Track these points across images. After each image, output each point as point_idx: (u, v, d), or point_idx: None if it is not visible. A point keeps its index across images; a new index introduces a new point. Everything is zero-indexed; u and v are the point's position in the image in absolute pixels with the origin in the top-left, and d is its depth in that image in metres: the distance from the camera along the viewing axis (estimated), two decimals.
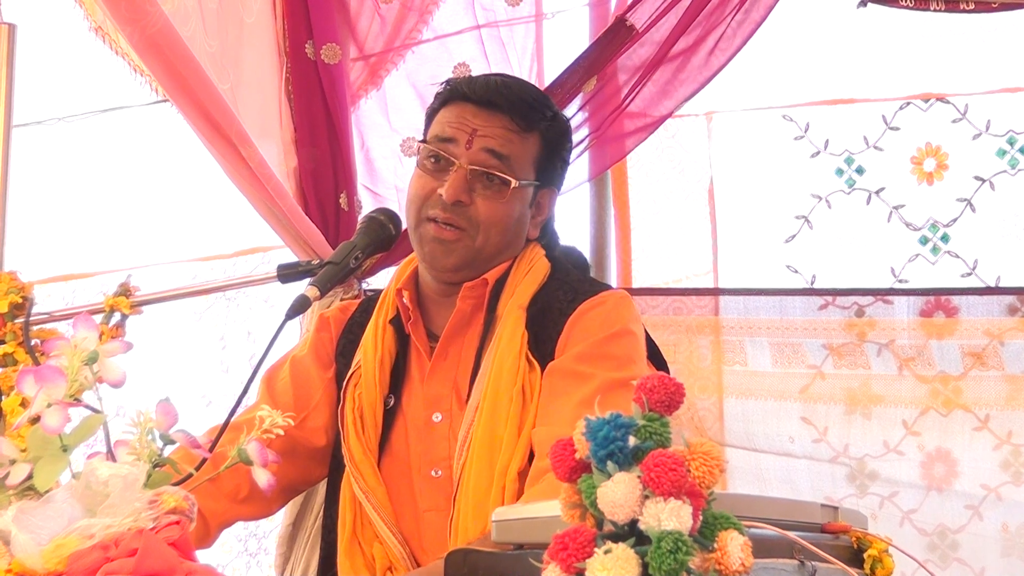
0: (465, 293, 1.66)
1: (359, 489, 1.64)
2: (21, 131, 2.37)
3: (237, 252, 2.73)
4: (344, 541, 1.66)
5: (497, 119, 1.66)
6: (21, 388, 1.16)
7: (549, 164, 1.72)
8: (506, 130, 1.66)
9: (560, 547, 0.83)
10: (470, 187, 1.64)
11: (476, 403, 1.59)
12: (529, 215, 1.71)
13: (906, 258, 2.29)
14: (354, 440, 1.66)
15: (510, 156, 1.65)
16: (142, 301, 2.13)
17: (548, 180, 1.73)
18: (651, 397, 0.86)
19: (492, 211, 1.64)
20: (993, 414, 2.17)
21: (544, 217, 1.75)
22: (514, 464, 1.54)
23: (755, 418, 2.29)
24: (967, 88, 2.28)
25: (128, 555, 1.01)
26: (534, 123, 1.69)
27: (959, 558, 2.18)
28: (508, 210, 1.65)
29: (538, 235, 1.74)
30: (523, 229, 1.71)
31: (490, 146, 1.65)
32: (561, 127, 1.77)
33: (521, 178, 1.66)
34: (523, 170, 1.67)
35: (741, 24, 2.22)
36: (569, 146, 1.80)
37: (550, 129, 1.72)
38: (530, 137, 1.69)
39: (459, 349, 1.66)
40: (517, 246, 1.71)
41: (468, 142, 1.65)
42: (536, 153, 1.70)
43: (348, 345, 1.76)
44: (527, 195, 1.69)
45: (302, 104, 2.38)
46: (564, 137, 1.78)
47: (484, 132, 1.65)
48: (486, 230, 1.64)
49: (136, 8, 1.88)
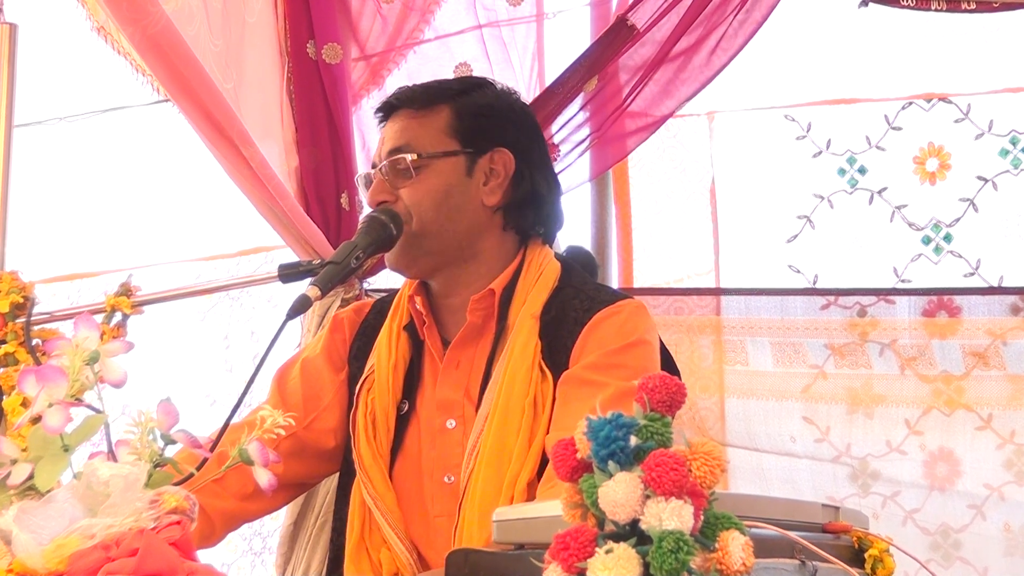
0: (473, 306, 1.65)
1: (368, 495, 1.64)
2: (23, 131, 2.37)
3: (240, 252, 2.73)
4: (351, 545, 1.65)
5: (398, 118, 1.70)
6: (22, 388, 1.16)
7: (476, 127, 1.68)
8: (405, 120, 1.69)
9: (561, 547, 0.82)
10: (390, 186, 1.66)
11: (486, 412, 1.58)
12: (475, 184, 1.67)
13: (909, 258, 2.29)
14: (364, 445, 1.66)
15: (410, 140, 1.67)
16: (143, 301, 2.13)
17: (485, 142, 1.67)
18: (653, 397, 0.86)
19: (411, 193, 1.65)
20: (996, 414, 2.17)
21: (503, 179, 1.67)
22: (524, 474, 1.53)
23: (757, 418, 2.29)
24: (970, 88, 2.28)
25: (129, 555, 1.01)
26: (434, 100, 1.69)
27: (962, 557, 2.18)
28: (427, 186, 1.65)
29: (504, 199, 1.67)
30: (466, 198, 1.66)
31: (391, 145, 1.68)
32: (483, 93, 1.72)
33: (424, 150, 1.65)
34: (430, 144, 1.66)
35: (743, 24, 2.22)
36: (503, 108, 1.73)
37: (461, 98, 1.70)
38: (433, 113, 1.68)
39: (471, 357, 1.65)
40: (471, 217, 1.66)
41: (380, 154, 1.70)
42: (448, 121, 1.68)
43: (362, 348, 1.75)
44: (448, 165, 1.66)
45: (303, 104, 2.38)
46: (490, 101, 1.72)
47: (388, 135, 1.70)
48: (416, 212, 1.64)
49: (138, 8, 1.88)
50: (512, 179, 1.68)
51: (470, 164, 1.67)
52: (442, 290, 1.70)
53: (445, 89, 1.73)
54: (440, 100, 1.69)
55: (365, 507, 1.65)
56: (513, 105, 1.75)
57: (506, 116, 1.72)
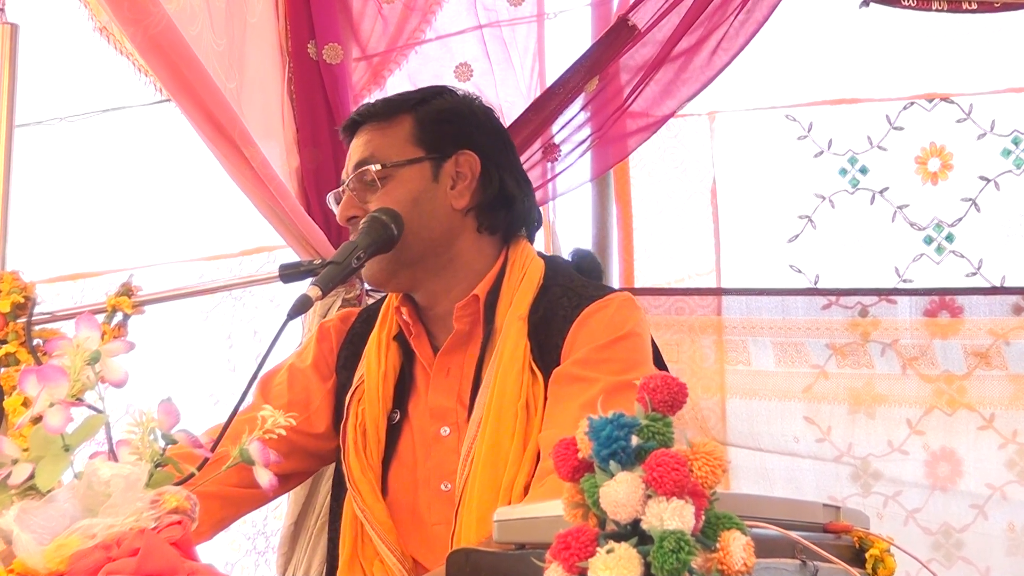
0: (459, 313, 1.64)
1: (357, 507, 1.63)
2: (24, 131, 2.38)
3: (243, 251, 2.73)
4: (344, 559, 1.64)
5: (362, 132, 1.70)
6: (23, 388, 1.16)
7: (438, 132, 1.68)
8: (369, 134, 1.69)
9: (562, 547, 0.82)
10: (359, 200, 1.66)
11: (479, 418, 1.57)
12: (442, 189, 1.66)
13: (910, 258, 2.29)
14: (353, 457, 1.65)
15: (374, 151, 1.66)
16: (145, 301, 2.14)
17: (448, 146, 1.67)
18: (654, 397, 0.86)
19: (378, 204, 1.64)
20: (998, 413, 2.17)
21: (469, 180, 1.67)
22: (520, 478, 1.52)
23: (758, 418, 2.29)
24: (972, 88, 2.28)
25: (130, 555, 1.01)
26: (396, 110, 1.69)
27: (964, 557, 2.18)
28: (394, 195, 1.64)
29: (473, 201, 1.66)
30: (433, 204, 1.65)
31: (356, 158, 1.67)
32: (443, 100, 1.72)
33: (389, 160, 1.65)
34: (394, 153, 1.66)
35: (744, 24, 2.22)
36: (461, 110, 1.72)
37: (421, 107, 1.70)
38: (395, 123, 1.68)
39: (460, 363, 1.65)
40: (442, 223, 1.65)
41: (346, 170, 1.69)
42: (409, 129, 1.68)
43: (350, 358, 1.74)
44: (413, 173, 1.65)
45: (304, 104, 2.38)
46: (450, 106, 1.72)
47: (352, 152, 1.69)
48: None
49: (139, 8, 1.88)
50: (479, 180, 1.68)
51: (435, 169, 1.66)
52: (426, 301, 1.69)
53: (406, 99, 1.73)
54: (401, 110, 1.69)
55: (357, 520, 1.64)
56: (474, 108, 1.74)
57: (468, 119, 1.72)
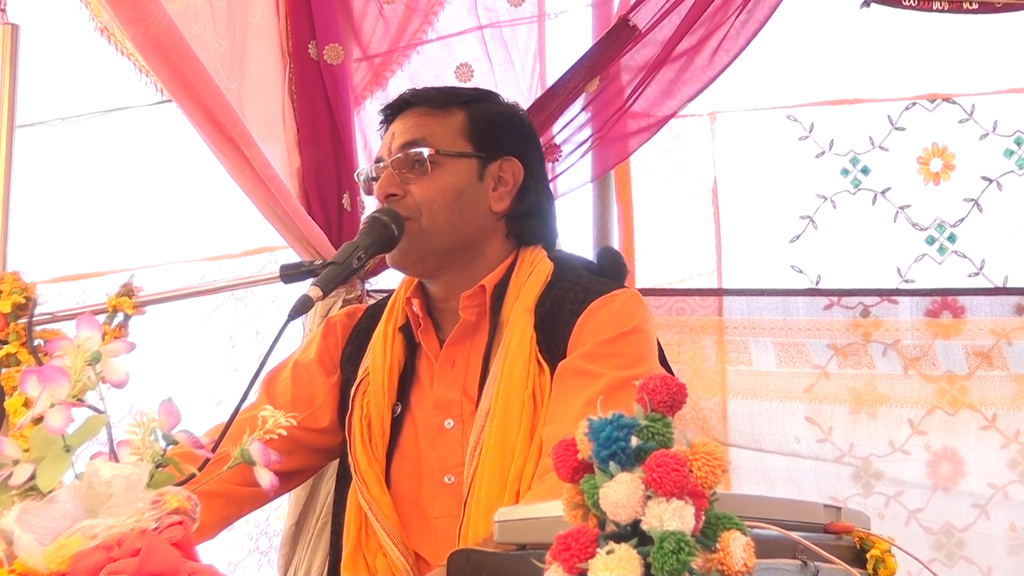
0: (465, 303, 1.65)
1: (363, 499, 1.63)
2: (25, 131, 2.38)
3: (245, 252, 2.73)
4: (348, 551, 1.65)
5: (410, 115, 1.69)
6: (24, 388, 1.16)
7: (490, 133, 1.69)
8: (420, 117, 1.68)
9: (563, 547, 0.82)
10: (400, 180, 1.65)
11: (486, 409, 1.57)
12: (485, 188, 1.67)
13: (912, 258, 2.29)
14: (360, 449, 1.65)
15: (426, 135, 1.66)
16: (146, 301, 2.14)
17: (497, 150, 1.68)
18: (654, 397, 0.86)
19: (424, 189, 1.64)
20: (1000, 413, 2.17)
21: (511, 187, 1.69)
22: (528, 469, 1.52)
23: (759, 418, 2.28)
24: (974, 88, 2.27)
25: (131, 555, 1.01)
26: (450, 102, 1.70)
27: (966, 556, 2.18)
28: (440, 183, 1.64)
29: (511, 207, 1.68)
30: (476, 201, 1.66)
31: (404, 139, 1.67)
32: (496, 105, 1.74)
33: (441, 147, 1.65)
34: (446, 142, 1.66)
35: (745, 24, 2.22)
36: (513, 118, 1.74)
37: (475, 104, 1.71)
38: (449, 114, 1.69)
39: (466, 355, 1.65)
40: (479, 221, 1.67)
41: (389, 148, 1.68)
42: (463, 124, 1.68)
43: (355, 352, 1.75)
44: (463, 166, 1.66)
45: (305, 104, 2.38)
46: (503, 111, 1.74)
47: (399, 130, 1.69)
48: (427, 208, 1.63)
49: (140, 8, 1.88)
50: (520, 189, 1.69)
51: (481, 169, 1.67)
52: (440, 293, 1.70)
53: (459, 94, 1.75)
54: (455, 103, 1.70)
55: (361, 512, 1.64)
56: (522, 118, 1.77)
57: (516, 128, 1.74)
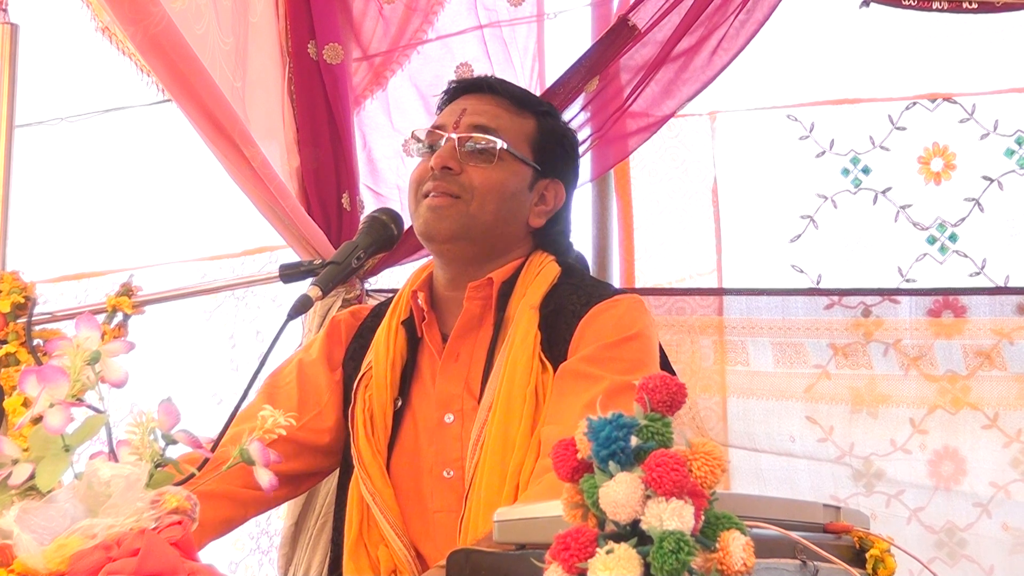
0: (471, 293, 1.65)
1: (366, 490, 1.64)
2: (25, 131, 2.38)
3: (245, 251, 2.74)
4: (350, 543, 1.66)
5: (487, 98, 1.70)
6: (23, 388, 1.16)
7: (549, 150, 1.71)
8: (496, 107, 1.69)
9: (562, 547, 0.82)
10: (459, 156, 1.65)
11: (489, 403, 1.58)
12: (530, 200, 1.70)
13: (913, 258, 2.29)
14: (363, 442, 1.66)
15: (498, 128, 1.67)
16: (146, 301, 2.14)
17: (550, 168, 1.71)
18: (653, 397, 0.86)
19: (484, 176, 1.65)
20: (1002, 412, 2.16)
21: (550, 208, 1.72)
22: (527, 464, 1.53)
23: (759, 418, 2.28)
24: (974, 88, 2.27)
25: (130, 555, 1.01)
26: (527, 106, 1.72)
27: (967, 555, 2.17)
28: (500, 176, 1.65)
29: (543, 226, 1.71)
30: (521, 208, 1.69)
31: (478, 121, 1.67)
32: (560, 123, 1.78)
33: (512, 146, 1.66)
34: (516, 141, 1.68)
35: (744, 24, 2.22)
36: (572, 143, 1.80)
37: (546, 117, 1.73)
38: (523, 116, 1.70)
39: (470, 349, 1.66)
40: (516, 228, 1.69)
41: (456, 122, 1.68)
42: (531, 132, 1.70)
43: (358, 350, 1.76)
44: (522, 171, 1.68)
45: (304, 104, 2.38)
46: (565, 133, 1.78)
47: (473, 110, 1.69)
48: (481, 196, 1.64)
49: (139, 8, 1.88)
50: (556, 213, 1.73)
51: (534, 180, 1.70)
52: (449, 285, 1.70)
53: (535, 101, 1.77)
54: (529, 108, 1.73)
55: (363, 504, 1.65)
56: (576, 144, 1.82)
57: (571, 152, 1.78)
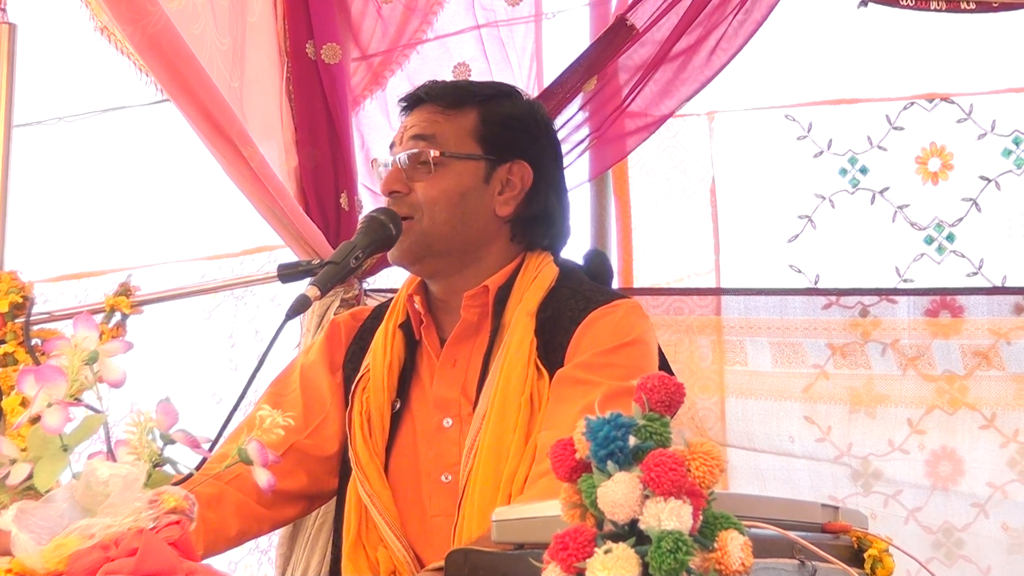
0: (467, 302, 1.65)
1: (364, 492, 1.64)
2: (23, 131, 2.38)
3: (244, 251, 2.73)
4: (348, 544, 1.65)
5: (423, 110, 1.69)
6: (21, 388, 1.16)
7: (500, 135, 1.68)
8: (431, 114, 1.68)
9: (560, 547, 0.82)
10: (406, 176, 1.66)
11: (483, 410, 1.58)
12: (492, 192, 1.67)
13: (911, 258, 2.29)
14: (361, 444, 1.66)
15: (435, 134, 1.66)
16: (144, 300, 2.14)
17: (507, 152, 1.67)
18: (651, 397, 0.86)
19: (427, 189, 1.64)
20: (1000, 412, 2.16)
21: (518, 191, 1.68)
22: (521, 471, 1.53)
23: (757, 418, 2.28)
24: (972, 88, 2.27)
25: (128, 555, 1.01)
26: (463, 101, 1.69)
27: (965, 556, 2.17)
28: (443, 183, 1.64)
29: (518, 211, 1.67)
30: (480, 205, 1.66)
31: (414, 133, 1.67)
32: (513, 103, 1.72)
33: (447, 148, 1.65)
34: (453, 143, 1.66)
35: (742, 24, 2.22)
36: (530, 120, 1.72)
37: (489, 104, 1.70)
38: (461, 114, 1.68)
39: (467, 355, 1.66)
40: (481, 225, 1.66)
41: (400, 141, 1.69)
42: (473, 125, 1.67)
43: (357, 352, 1.76)
44: (469, 168, 1.66)
45: (303, 104, 2.38)
46: (518, 111, 1.72)
47: (411, 124, 1.69)
48: (429, 209, 1.64)
49: (137, 7, 1.88)
50: (527, 193, 1.69)
51: (489, 171, 1.67)
52: (442, 293, 1.70)
53: (475, 92, 1.73)
54: (469, 102, 1.69)
55: (362, 505, 1.65)
56: (539, 119, 1.75)
57: (531, 130, 1.72)
